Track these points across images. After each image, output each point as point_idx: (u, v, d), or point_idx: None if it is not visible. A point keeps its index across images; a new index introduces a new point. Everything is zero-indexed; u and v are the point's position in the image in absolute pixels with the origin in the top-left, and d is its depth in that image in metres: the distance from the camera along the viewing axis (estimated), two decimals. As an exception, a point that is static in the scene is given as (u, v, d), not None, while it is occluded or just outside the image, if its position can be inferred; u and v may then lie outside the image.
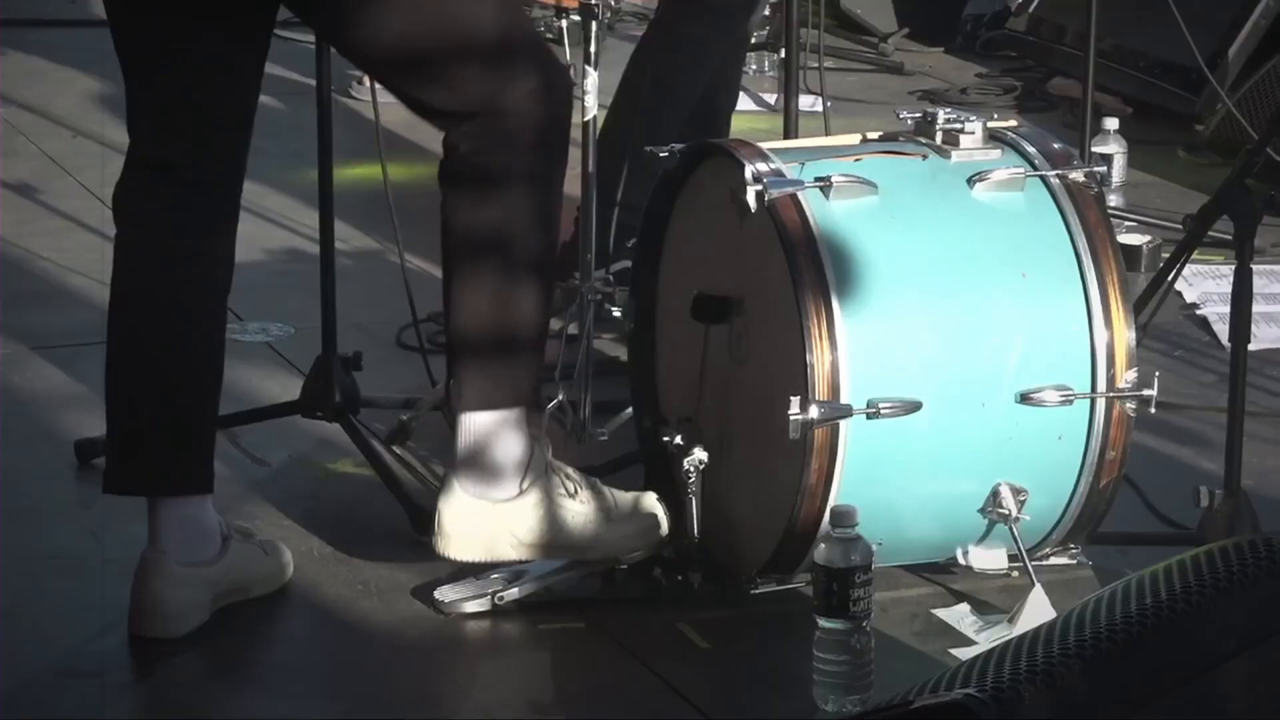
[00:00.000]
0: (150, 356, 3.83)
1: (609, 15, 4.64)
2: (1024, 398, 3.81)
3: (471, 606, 3.86)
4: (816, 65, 5.32)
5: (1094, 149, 5.52)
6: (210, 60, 3.76)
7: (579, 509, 3.86)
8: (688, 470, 3.90)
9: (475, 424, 3.79)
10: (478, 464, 3.80)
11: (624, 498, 3.94)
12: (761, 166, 3.80)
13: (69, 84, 7.23)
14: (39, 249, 5.71)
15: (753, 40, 7.30)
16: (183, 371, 3.84)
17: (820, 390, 3.68)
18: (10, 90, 7.27)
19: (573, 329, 4.35)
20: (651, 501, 3.95)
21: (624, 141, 4.56)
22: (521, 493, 3.81)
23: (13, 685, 3.64)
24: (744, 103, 7.01)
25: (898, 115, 4.16)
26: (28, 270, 5.57)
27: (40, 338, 5.10)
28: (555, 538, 3.84)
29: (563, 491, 3.86)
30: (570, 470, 3.92)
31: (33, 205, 6.08)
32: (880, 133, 4.11)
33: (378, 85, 4.35)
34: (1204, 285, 5.17)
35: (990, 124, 4.03)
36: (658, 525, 3.93)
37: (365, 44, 3.77)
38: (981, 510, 3.84)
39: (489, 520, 3.81)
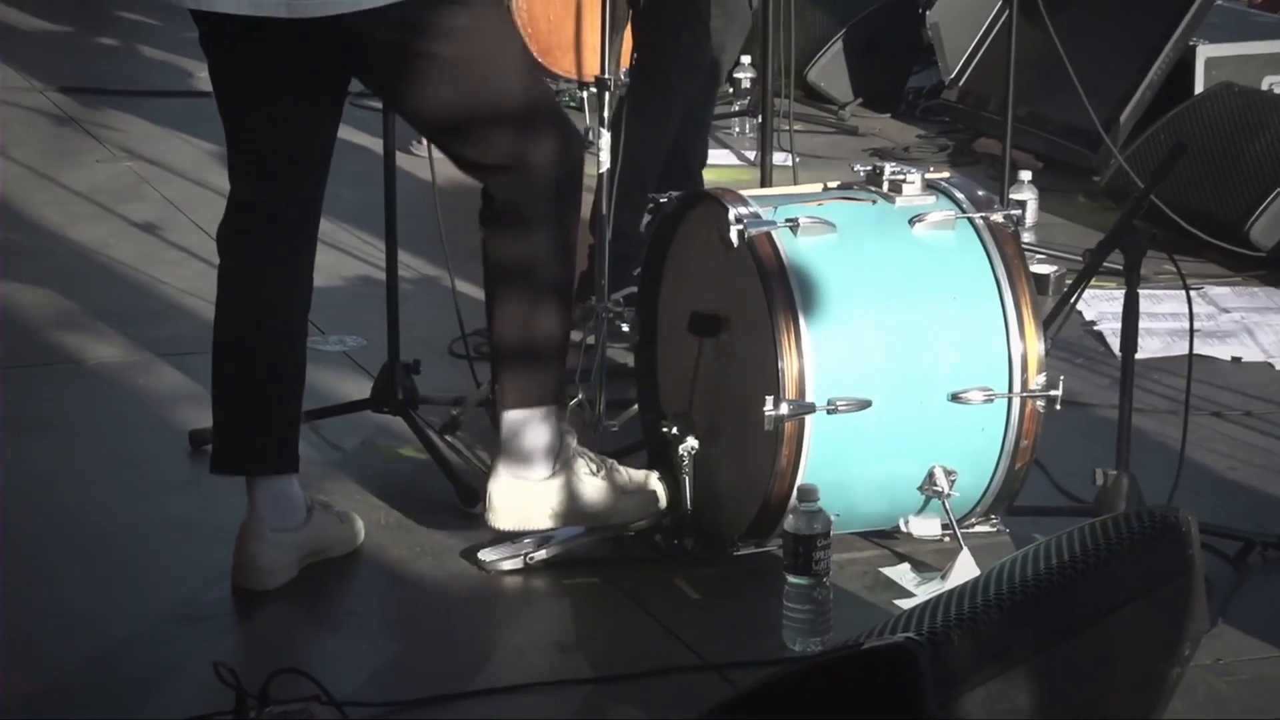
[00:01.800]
0: (247, 361, 3.84)
1: (622, 86, 4.62)
2: (954, 397, 3.81)
3: (508, 565, 3.87)
4: (788, 128, 5.29)
5: (1011, 196, 5.51)
6: (295, 121, 3.76)
7: (598, 484, 3.88)
8: (682, 455, 3.91)
9: (514, 419, 3.80)
10: (517, 451, 3.81)
11: (634, 474, 3.95)
12: (742, 210, 3.81)
13: (181, 142, 7.21)
14: (160, 275, 5.70)
15: (728, 109, 7.31)
16: (273, 373, 3.85)
17: (789, 391, 3.68)
18: (135, 147, 7.26)
19: (590, 341, 4.34)
20: (654, 479, 3.96)
21: (623, 193, 4.54)
22: (553, 473, 3.82)
23: (136, 629, 3.65)
24: (728, 158, 7.00)
25: (853, 169, 4.16)
26: (151, 292, 5.57)
27: (161, 346, 5.10)
28: (580, 508, 3.86)
29: (586, 471, 3.87)
30: (590, 453, 3.94)
31: (155, 240, 6.08)
32: (839, 182, 4.11)
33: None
34: (1100, 306, 5.15)
35: (927, 176, 4.03)
36: (658, 498, 3.94)
37: (419, 110, 3.78)
38: (920, 488, 3.85)
39: (528, 496, 3.82)
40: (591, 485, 3.88)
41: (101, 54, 9.17)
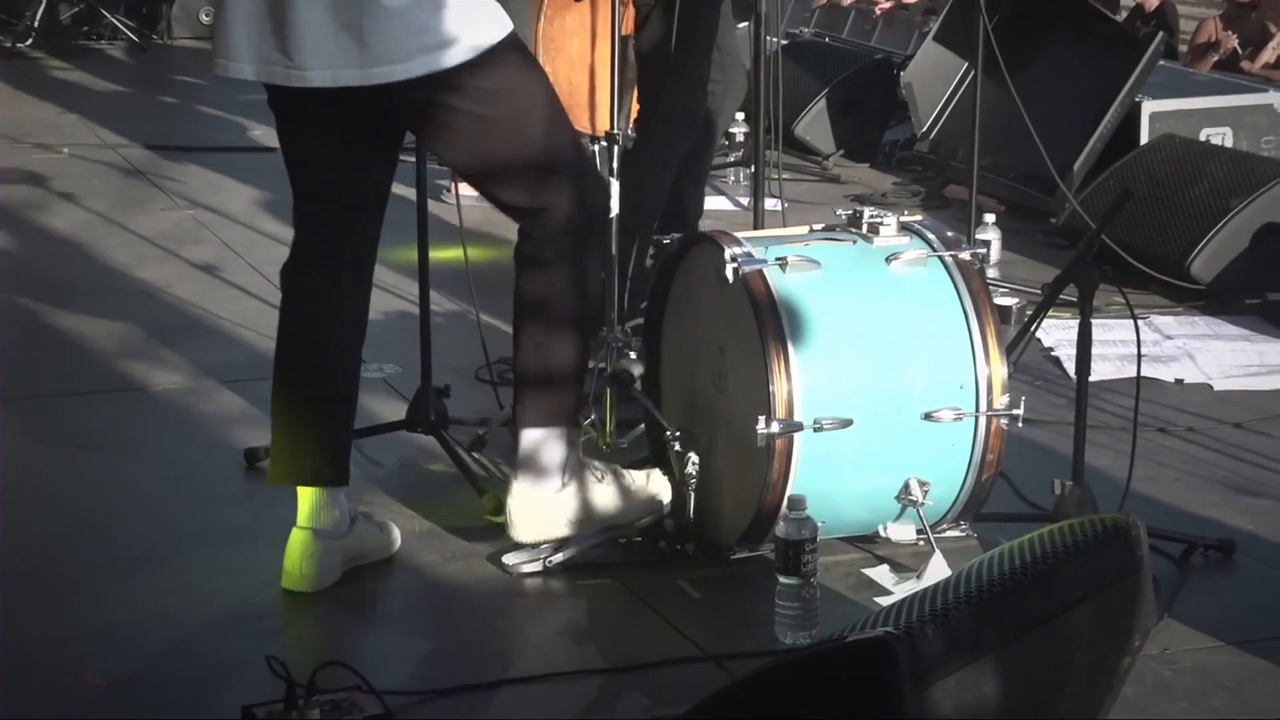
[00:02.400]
0: (303, 386, 3.84)
1: (630, 140, 4.62)
2: (927, 416, 3.81)
3: (529, 568, 3.86)
4: (777, 177, 5.29)
5: (977, 236, 5.52)
6: (355, 172, 3.79)
7: (606, 489, 3.87)
8: (690, 472, 3.91)
9: (532, 437, 3.79)
10: (534, 466, 3.80)
11: (635, 476, 3.95)
12: (736, 250, 3.81)
13: (236, 192, 7.23)
14: (217, 310, 5.71)
15: (725, 160, 7.32)
16: (328, 397, 3.85)
17: (779, 411, 3.68)
18: (195, 196, 7.29)
19: (602, 366, 4.34)
20: (655, 476, 3.97)
21: (631, 234, 4.55)
22: (564, 485, 3.81)
23: (197, 626, 3.65)
24: (725, 204, 7.02)
25: (836, 213, 4.16)
26: (209, 325, 5.58)
27: (218, 373, 5.11)
28: (593, 513, 3.85)
29: (594, 479, 3.87)
30: (596, 462, 3.94)
31: (213, 279, 6.09)
32: (823, 225, 4.11)
33: (463, 190, 4.39)
34: (1057, 334, 5.16)
35: (902, 219, 4.03)
36: (661, 495, 3.94)
37: (461, 160, 3.80)
38: (896, 497, 3.85)
39: (545, 508, 3.81)
40: (600, 491, 3.87)
41: (164, 113, 9.21)
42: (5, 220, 6.97)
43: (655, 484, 3.95)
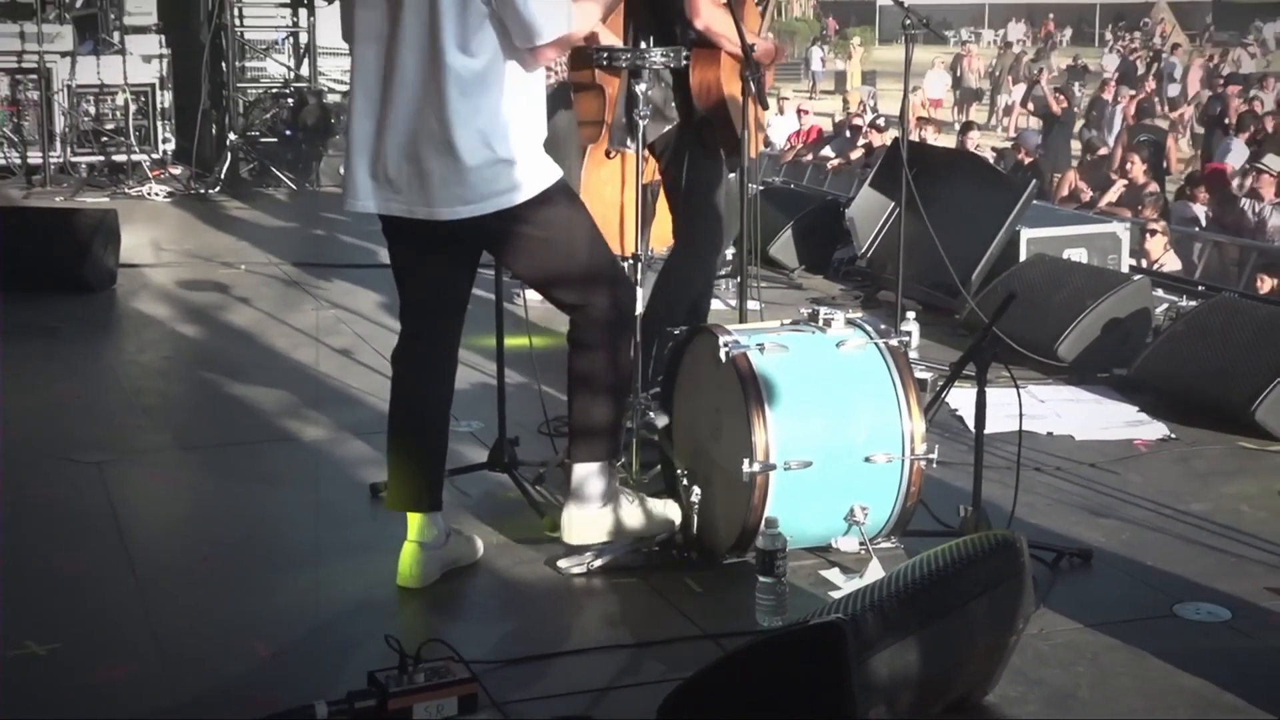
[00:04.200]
0: (409, 437, 3.83)
1: (652, 257, 4.63)
2: (867, 459, 3.80)
3: (576, 570, 3.85)
4: (756, 285, 5.30)
5: (902, 328, 5.50)
6: (443, 280, 3.80)
7: (633, 511, 3.85)
8: (692, 501, 3.92)
9: (581, 470, 3.79)
10: (582, 492, 3.80)
11: (655, 503, 3.93)
12: (728, 338, 3.82)
13: (366, 297, 7.25)
14: (350, 381, 5.74)
15: (721, 274, 7.32)
16: (427, 444, 3.84)
17: (759, 455, 3.68)
18: (336, 300, 7.34)
19: (629, 423, 4.33)
20: (671, 504, 3.95)
21: (653, 327, 4.53)
22: (603, 506, 3.80)
23: (334, 612, 3.64)
24: (719, 305, 6.99)
25: (799, 312, 4.16)
26: (345, 394, 5.59)
27: (350, 428, 5.12)
28: (622, 528, 3.83)
29: (626, 502, 3.85)
30: (628, 490, 3.93)
31: (348, 359, 6.11)
32: (790, 320, 4.10)
33: (528, 291, 4.38)
34: (960, 399, 5.12)
35: (847, 316, 4.03)
36: (674, 517, 3.92)
37: (523, 271, 3.81)
38: (844, 519, 3.84)
39: (589, 522, 3.81)
40: (629, 512, 3.85)
41: (313, 240, 9.27)
42: (198, 316, 7.01)
43: (669, 508, 3.93)
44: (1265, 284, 9.28)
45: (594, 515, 3.80)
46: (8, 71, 11.21)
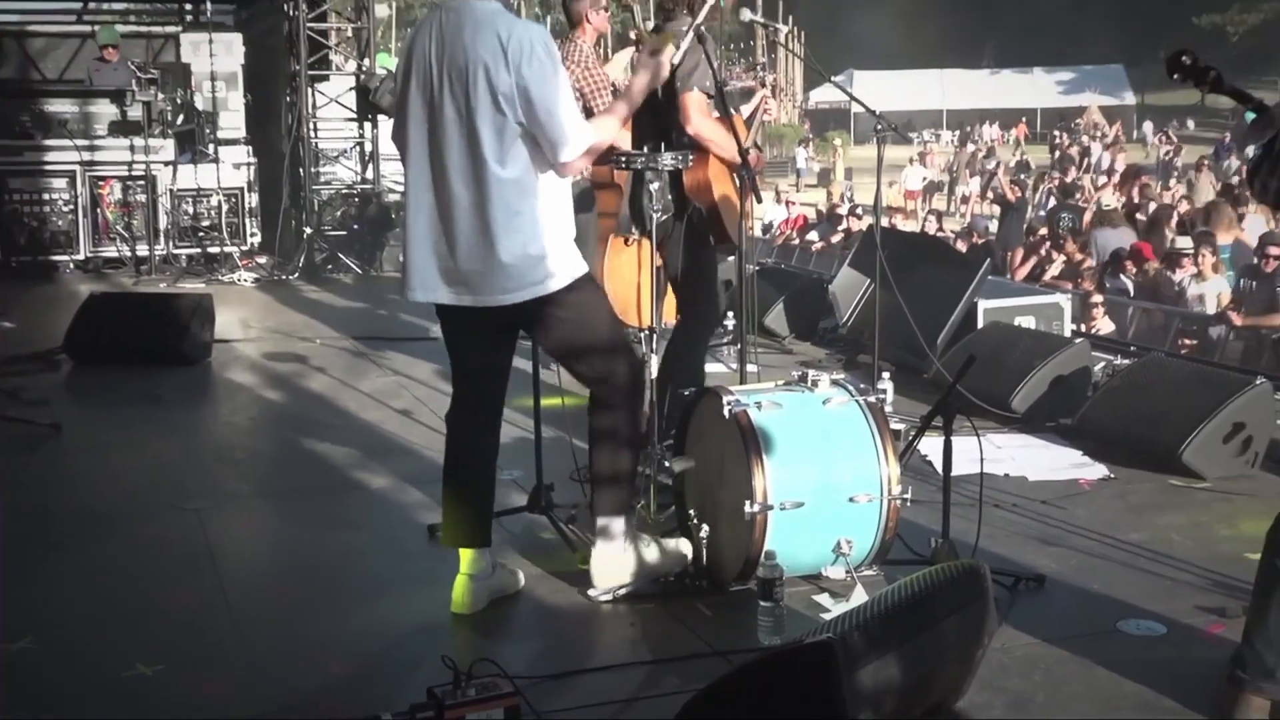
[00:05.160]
0: (460, 485, 3.82)
1: (666, 332, 4.64)
2: (851, 499, 3.79)
3: (604, 599, 3.83)
4: (753, 351, 5.30)
5: (878, 386, 5.48)
6: (487, 353, 3.80)
7: (651, 549, 3.84)
8: (701, 538, 3.91)
9: (604, 520, 3.77)
10: (606, 535, 3.78)
11: (669, 542, 3.91)
12: (730, 397, 3.82)
13: (424, 366, 7.27)
14: (410, 438, 5.75)
15: (724, 341, 7.32)
16: (476, 490, 3.83)
17: (758, 497, 3.67)
18: (398, 368, 7.34)
19: (647, 471, 4.32)
20: (684, 543, 3.93)
21: (664, 388, 4.53)
22: (625, 547, 3.78)
23: (396, 634, 3.63)
24: (722, 368, 7.00)
25: (791, 374, 4.16)
26: (406, 448, 5.61)
27: (410, 478, 5.11)
28: (643, 565, 3.82)
29: (644, 543, 3.84)
30: (644, 534, 3.91)
31: (408, 419, 6.13)
32: (783, 381, 4.10)
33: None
34: (929, 446, 5.11)
35: (831, 378, 4.03)
36: (687, 555, 3.90)
37: (552, 347, 3.80)
38: (832, 551, 3.82)
39: (613, 563, 3.79)
40: (648, 550, 3.83)
41: (377, 318, 9.29)
42: (280, 383, 7.03)
43: (682, 545, 3.91)
44: (1187, 345, 9.29)
45: (617, 554, 3.78)
46: (120, 178, 11.34)
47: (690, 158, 4.35)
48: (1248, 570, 3.34)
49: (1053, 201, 18.06)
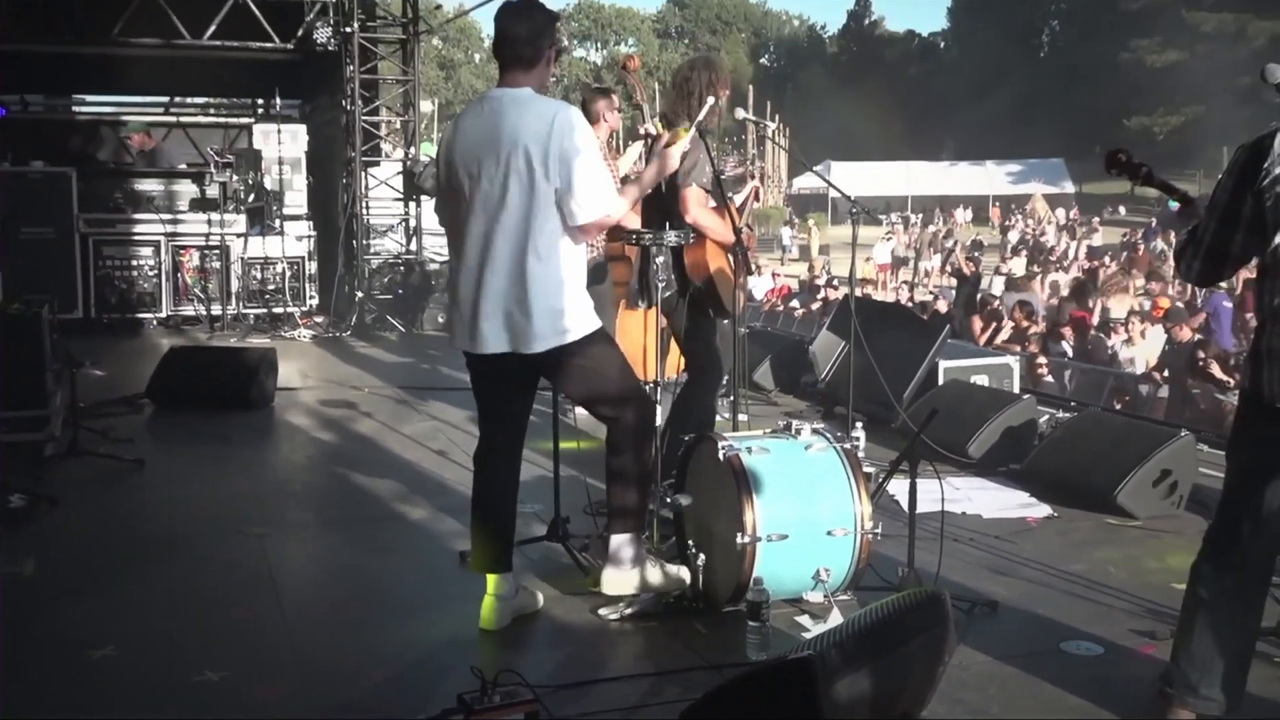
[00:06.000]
0: (487, 517, 3.81)
1: (670, 381, 4.63)
2: (829, 533, 3.78)
3: (612, 617, 3.81)
4: (744, 403, 5.29)
5: (853, 435, 5.46)
6: (512, 397, 3.81)
7: (655, 572, 3.82)
8: (697, 566, 3.89)
9: (616, 540, 3.77)
10: (616, 558, 3.77)
11: (672, 567, 3.88)
12: (724, 443, 3.83)
13: (457, 412, 7.27)
14: (444, 475, 5.74)
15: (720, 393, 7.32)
16: (500, 521, 3.82)
17: (748, 530, 3.66)
18: (434, 414, 7.34)
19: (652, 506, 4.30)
20: (683, 569, 3.89)
21: (670, 435, 4.52)
22: (633, 568, 3.76)
23: (431, 648, 3.61)
24: (717, 417, 6.99)
25: (777, 423, 4.16)
26: (440, 483, 5.59)
27: (444, 509, 5.10)
28: (647, 585, 3.80)
29: (649, 565, 3.82)
30: (650, 556, 3.88)
31: (443, 458, 6.11)
32: (770, 429, 4.10)
33: (577, 409, 4.37)
34: (897, 488, 5.08)
35: (812, 427, 4.03)
36: (685, 581, 3.87)
37: (571, 391, 3.79)
38: (812, 578, 3.80)
39: (622, 580, 3.77)
40: (653, 572, 3.81)
41: (418, 370, 9.30)
42: (333, 426, 7.02)
43: (681, 570, 3.89)
44: (1120, 402, 9.29)
45: (625, 574, 3.77)
46: (198, 247, 11.43)
47: (691, 235, 4.39)
48: (1174, 598, 3.33)
49: (1000, 281, 18.11)
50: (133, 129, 12.66)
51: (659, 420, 4.12)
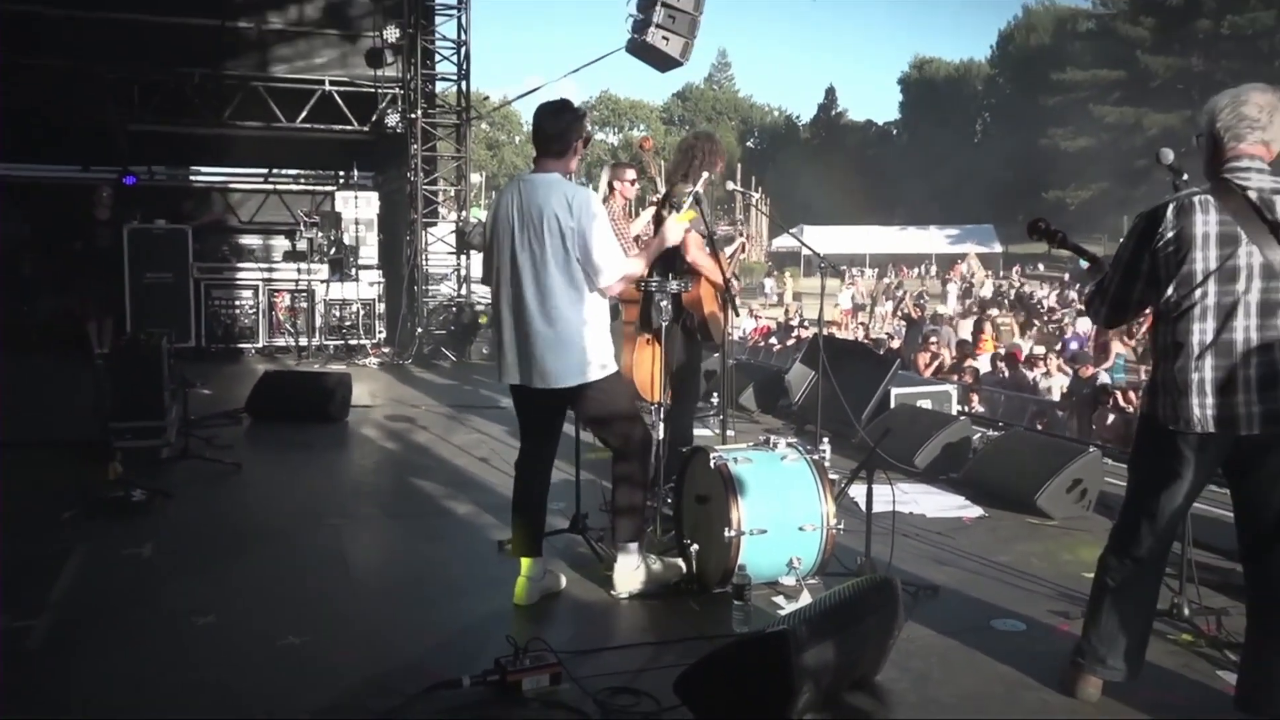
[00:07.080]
0: (523, 512, 3.79)
1: (668, 405, 4.62)
2: (800, 528, 3.76)
3: (622, 597, 3.78)
4: (732, 420, 5.28)
5: (820, 448, 5.44)
6: (546, 418, 3.78)
7: (657, 565, 3.80)
8: (690, 555, 3.86)
9: (622, 542, 3.75)
10: (624, 554, 3.75)
11: (671, 560, 3.86)
12: (715, 454, 3.81)
13: (500, 428, 7.26)
14: (487, 479, 5.70)
15: (711, 413, 7.29)
16: (534, 516, 3.80)
17: (733, 525, 3.64)
18: (477, 427, 7.31)
19: (653, 504, 4.27)
20: (682, 562, 3.88)
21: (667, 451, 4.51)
22: (638, 565, 3.74)
23: (473, 620, 3.59)
24: (709, 432, 6.96)
25: (758, 438, 4.14)
26: (484, 486, 5.56)
27: (486, 506, 5.07)
28: (651, 574, 3.78)
29: (652, 559, 3.80)
30: (651, 554, 3.87)
31: (485, 464, 6.08)
32: (753, 443, 4.08)
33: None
34: (856, 491, 5.05)
35: (787, 441, 4.02)
36: (682, 569, 3.85)
37: (591, 416, 3.77)
38: (786, 565, 3.77)
39: (629, 573, 3.75)
40: (655, 565, 3.80)
41: (466, 391, 9.28)
42: (395, 437, 7.00)
43: (679, 561, 3.88)
44: (1040, 422, 9.26)
45: (634, 566, 3.76)
46: (289, 291, 11.51)
47: (690, 284, 4.40)
48: (1085, 585, 3.31)
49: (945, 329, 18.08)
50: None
51: (660, 437, 4.12)
